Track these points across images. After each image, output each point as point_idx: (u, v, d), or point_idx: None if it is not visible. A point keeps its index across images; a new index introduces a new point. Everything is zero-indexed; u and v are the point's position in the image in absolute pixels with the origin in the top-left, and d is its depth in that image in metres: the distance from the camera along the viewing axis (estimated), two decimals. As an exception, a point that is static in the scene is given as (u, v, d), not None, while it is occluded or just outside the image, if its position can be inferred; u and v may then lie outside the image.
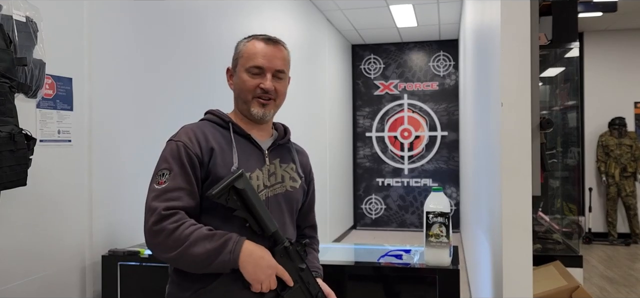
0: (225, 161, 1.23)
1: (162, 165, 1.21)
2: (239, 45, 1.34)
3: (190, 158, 1.20)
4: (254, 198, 1.17)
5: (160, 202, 1.15)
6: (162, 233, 1.13)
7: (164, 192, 1.16)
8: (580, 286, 2.03)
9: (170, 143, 1.24)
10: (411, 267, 1.75)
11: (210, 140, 1.24)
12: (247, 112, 1.31)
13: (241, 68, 1.30)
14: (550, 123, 1.67)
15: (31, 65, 1.53)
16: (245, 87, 1.29)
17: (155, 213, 1.13)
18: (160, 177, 1.19)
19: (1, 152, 1.36)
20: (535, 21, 1.59)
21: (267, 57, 1.29)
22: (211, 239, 1.14)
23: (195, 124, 1.30)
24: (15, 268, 1.68)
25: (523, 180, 1.46)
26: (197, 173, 1.20)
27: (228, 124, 1.30)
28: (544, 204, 3.27)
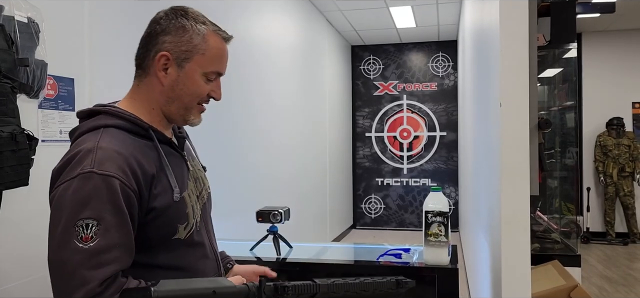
0: (164, 187, 0.98)
1: (83, 211, 0.87)
2: (193, 31, 1.02)
3: (128, 198, 0.91)
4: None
5: (90, 269, 0.85)
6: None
7: (94, 254, 0.86)
8: (579, 285, 2.04)
9: (89, 177, 0.88)
10: (410, 266, 1.76)
11: (146, 167, 0.95)
12: (182, 117, 1.05)
13: (197, 66, 1.02)
14: (549, 123, 1.68)
15: (33, 66, 1.54)
16: (197, 92, 1.03)
17: (87, 289, 0.84)
18: (83, 229, 0.86)
19: (3, 152, 1.37)
20: (534, 22, 1.60)
21: (226, 62, 1.07)
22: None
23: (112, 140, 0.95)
24: (15, 268, 1.68)
25: (521, 180, 1.47)
26: (134, 214, 0.93)
27: (148, 132, 1.01)
28: (543, 204, 3.29)
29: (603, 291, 4.21)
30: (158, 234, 0.98)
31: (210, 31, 1.05)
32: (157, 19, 1.07)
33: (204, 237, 1.10)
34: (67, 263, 0.86)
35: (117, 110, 1.02)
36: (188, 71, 1.02)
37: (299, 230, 4.11)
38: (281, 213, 1.91)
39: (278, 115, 4.23)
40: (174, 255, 1.01)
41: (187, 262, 1.03)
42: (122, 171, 0.91)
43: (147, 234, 0.96)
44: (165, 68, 1.03)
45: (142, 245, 0.97)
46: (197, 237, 1.06)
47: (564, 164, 3.76)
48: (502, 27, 1.50)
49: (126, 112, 1.02)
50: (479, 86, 2.80)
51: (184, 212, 1.02)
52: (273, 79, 4.11)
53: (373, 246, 2.16)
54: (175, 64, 1.02)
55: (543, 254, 2.61)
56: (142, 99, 1.06)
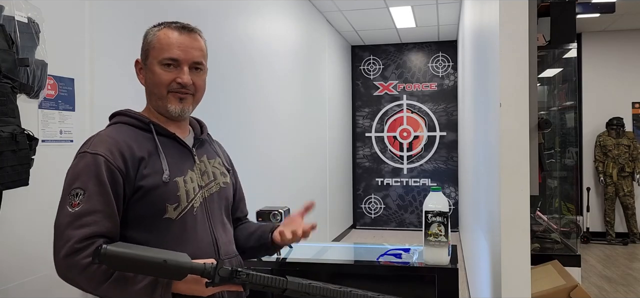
0: (155, 169, 1.11)
1: (75, 183, 1.05)
2: (149, 34, 1.20)
3: (112, 173, 1.06)
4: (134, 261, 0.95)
5: (73, 229, 1.01)
6: (74, 269, 1.00)
7: (77, 216, 1.01)
8: (579, 285, 2.05)
9: (84, 156, 1.07)
10: (410, 266, 1.76)
11: (135, 150, 1.10)
12: (164, 109, 1.18)
13: (153, 60, 1.17)
14: (549, 123, 1.69)
15: (33, 66, 1.54)
16: (160, 81, 1.16)
17: (68, 246, 1.00)
18: (73, 197, 1.03)
19: (3, 152, 1.37)
20: (534, 22, 1.60)
21: (183, 48, 1.16)
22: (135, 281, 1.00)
23: (112, 130, 1.15)
24: (16, 267, 1.68)
25: (521, 180, 1.47)
26: (118, 190, 1.07)
27: (149, 125, 1.17)
28: (542, 204, 3.29)
29: (603, 291, 4.21)
30: (148, 211, 1.10)
31: (164, 28, 1.19)
32: None
33: (201, 223, 1.18)
34: (59, 226, 1.03)
35: (127, 111, 1.21)
36: (149, 66, 1.19)
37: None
38: (281, 213, 1.91)
39: (278, 115, 4.23)
40: (164, 234, 1.11)
41: (177, 242, 1.11)
42: (109, 151, 1.07)
43: (138, 211, 1.10)
44: (141, 71, 1.23)
45: (135, 221, 1.10)
46: (190, 221, 1.16)
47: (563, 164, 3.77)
48: (502, 27, 1.50)
49: (134, 112, 1.21)
50: (479, 86, 2.80)
51: (174, 193, 1.13)
52: (272, 79, 4.11)
53: (373, 246, 2.17)
54: (144, 65, 1.21)
55: (543, 254, 2.61)
56: (147, 103, 1.25)
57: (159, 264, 0.96)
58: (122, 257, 0.94)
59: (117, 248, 0.95)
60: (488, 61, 2.07)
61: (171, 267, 0.97)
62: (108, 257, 0.93)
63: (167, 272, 0.98)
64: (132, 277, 1.01)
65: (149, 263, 0.96)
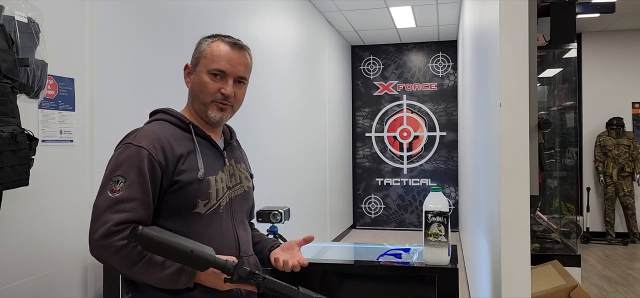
0: (191, 166, 1.20)
1: (117, 170, 1.13)
2: (202, 43, 1.30)
3: (152, 165, 1.14)
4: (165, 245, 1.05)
5: (112, 213, 1.09)
6: (109, 249, 1.08)
7: (116, 202, 1.10)
8: (579, 285, 2.05)
9: (128, 147, 1.16)
10: (410, 266, 1.76)
11: (175, 147, 1.19)
12: (204, 114, 1.28)
13: (203, 68, 1.26)
14: (549, 123, 1.69)
15: (33, 66, 1.54)
16: (206, 89, 1.26)
17: (105, 227, 1.08)
18: (114, 183, 1.12)
19: (3, 152, 1.37)
20: (534, 22, 1.60)
21: (231, 62, 1.27)
22: (163, 267, 1.10)
23: (156, 126, 1.23)
24: (16, 267, 1.68)
25: (521, 180, 1.47)
26: (156, 181, 1.15)
27: (188, 126, 1.26)
28: (542, 204, 3.29)
29: (603, 291, 4.21)
30: (181, 204, 1.18)
31: (217, 40, 1.29)
32: None
33: (226, 221, 1.27)
34: (99, 207, 1.12)
35: (170, 110, 1.30)
36: (198, 73, 1.28)
37: (298, 230, 4.11)
38: (281, 213, 1.91)
39: (278, 115, 4.23)
40: (193, 226, 1.19)
41: (203, 235, 1.19)
42: (152, 145, 1.16)
43: (172, 203, 1.18)
44: (188, 75, 1.32)
45: (168, 212, 1.17)
46: (216, 218, 1.24)
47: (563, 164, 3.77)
48: (502, 27, 1.50)
49: (176, 112, 1.29)
50: (479, 86, 2.80)
51: (206, 191, 1.21)
52: (272, 79, 4.11)
53: (373, 246, 2.16)
54: (192, 70, 1.30)
55: (543, 254, 2.61)
56: (189, 104, 1.33)
57: (186, 253, 1.05)
58: (155, 239, 1.03)
59: (151, 231, 1.04)
60: (488, 61, 2.07)
61: (196, 257, 1.05)
62: (143, 237, 1.03)
63: (192, 261, 1.06)
64: (161, 262, 1.10)
65: (177, 250, 1.04)
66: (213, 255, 1.08)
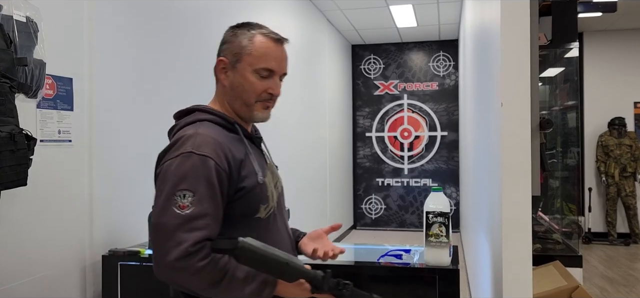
0: (250, 171, 1.14)
1: (182, 184, 1.02)
2: (241, 37, 1.17)
3: (220, 176, 1.06)
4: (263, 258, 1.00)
5: (185, 232, 0.99)
6: (186, 271, 0.99)
7: (189, 219, 1.00)
8: (580, 286, 2.04)
9: (190, 156, 1.05)
10: (411, 266, 1.75)
11: (235, 152, 1.12)
12: (247, 114, 1.20)
13: (247, 66, 1.16)
14: (550, 123, 1.68)
15: (31, 66, 1.54)
16: (252, 89, 1.17)
17: (181, 249, 0.98)
18: (181, 198, 1.02)
19: (1, 152, 1.36)
20: (535, 21, 1.59)
21: (278, 60, 1.19)
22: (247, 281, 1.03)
23: (208, 129, 1.12)
24: (15, 268, 1.68)
25: (523, 180, 1.46)
26: (224, 191, 1.08)
27: (234, 126, 1.19)
28: (544, 204, 3.28)
29: (604, 292, 4.20)
30: (243, 211, 1.13)
31: (258, 33, 1.18)
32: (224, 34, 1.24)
33: (279, 220, 1.24)
34: (167, 226, 1.01)
35: (208, 108, 1.20)
36: (240, 70, 1.17)
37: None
38: (281, 214, 1.90)
39: (277, 114, 4.21)
40: (255, 233, 1.11)
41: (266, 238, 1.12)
42: (216, 154, 1.07)
43: (234, 210, 1.11)
44: (224, 71, 1.20)
45: (229, 220, 1.10)
46: (273, 220, 1.20)
47: (565, 164, 3.76)
48: (503, 26, 1.50)
49: (216, 110, 1.19)
50: (480, 86, 2.79)
51: (265, 194, 1.17)
52: (273, 79, 4.10)
53: (373, 247, 2.16)
54: (230, 67, 1.19)
55: (544, 255, 2.60)
56: (221, 101, 1.22)
57: (282, 264, 1.01)
58: (256, 251, 0.99)
59: (253, 243, 0.99)
60: (489, 60, 2.06)
61: (291, 269, 1.02)
62: (245, 250, 0.97)
63: (286, 273, 1.02)
64: (243, 277, 1.03)
65: (274, 262, 1.00)
66: (302, 265, 1.04)
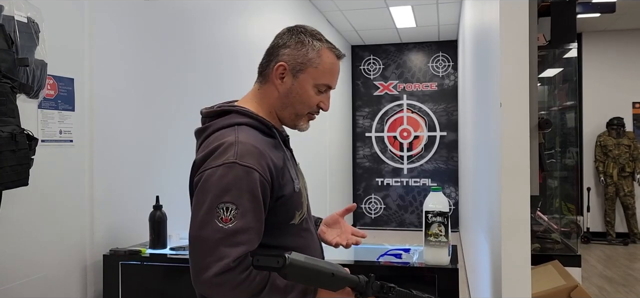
0: (287, 178, 1.12)
1: (225, 196, 0.99)
2: (308, 47, 1.14)
3: (264, 188, 1.04)
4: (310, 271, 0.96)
5: (227, 247, 0.97)
6: (227, 286, 0.98)
7: (232, 234, 0.98)
8: (579, 285, 2.04)
9: (232, 167, 1.01)
10: (410, 266, 1.76)
11: (275, 160, 1.09)
12: (291, 121, 1.18)
13: (309, 78, 1.14)
14: (549, 123, 1.68)
15: (33, 66, 1.54)
16: (308, 102, 1.16)
17: (222, 264, 0.96)
18: (224, 211, 0.99)
19: (3, 152, 1.37)
20: (534, 22, 1.60)
21: (336, 78, 1.19)
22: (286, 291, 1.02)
23: (248, 136, 1.07)
24: (16, 267, 1.68)
25: (522, 180, 1.47)
26: (267, 202, 1.06)
27: (272, 131, 1.15)
28: (543, 204, 3.29)
29: (603, 291, 4.21)
30: (280, 219, 1.11)
31: (325, 47, 1.16)
32: (280, 34, 1.20)
33: (311, 226, 1.23)
34: (208, 240, 0.98)
35: (245, 110, 1.14)
36: (301, 81, 1.15)
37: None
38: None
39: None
40: (289, 238, 1.13)
41: (300, 244, 1.14)
42: (259, 165, 1.03)
43: (273, 218, 1.08)
44: (281, 77, 1.15)
45: (267, 226, 1.07)
46: (306, 225, 1.19)
47: (564, 164, 3.77)
48: (502, 26, 1.50)
49: (253, 112, 1.14)
50: (479, 86, 2.80)
51: (300, 201, 1.15)
52: (273, 79, 4.10)
53: (373, 246, 2.16)
54: (290, 74, 1.15)
55: (543, 254, 2.61)
56: (262, 102, 1.18)
57: (328, 276, 0.97)
58: (303, 266, 0.94)
59: (298, 257, 0.94)
60: (488, 61, 2.07)
61: (337, 280, 0.98)
62: (293, 266, 0.93)
63: (332, 283, 0.99)
64: (283, 287, 1.02)
65: (321, 274, 0.97)
66: (346, 273, 1.00)
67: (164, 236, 2.07)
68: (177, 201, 1.87)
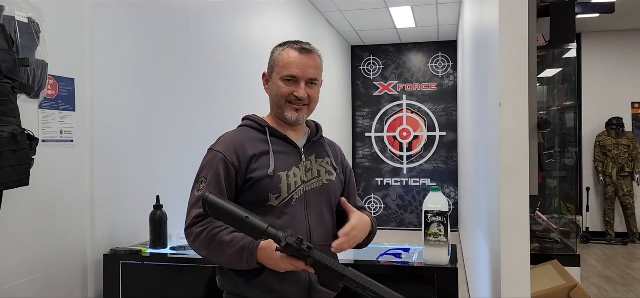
0: (262, 165, 1.34)
1: (201, 173, 1.35)
2: (275, 53, 1.43)
3: (227, 167, 1.32)
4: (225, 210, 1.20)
5: (195, 209, 1.30)
6: (191, 236, 1.30)
7: (199, 199, 1.29)
8: (578, 285, 2.05)
9: (210, 152, 1.37)
10: (410, 265, 1.77)
11: (248, 148, 1.35)
12: (282, 116, 1.40)
13: (276, 76, 1.40)
14: (548, 123, 1.69)
15: (33, 66, 1.54)
16: (280, 93, 1.39)
17: (189, 220, 1.31)
18: (199, 183, 1.33)
19: (3, 152, 1.37)
20: (534, 22, 1.60)
21: (301, 67, 1.38)
22: (229, 246, 1.25)
23: (235, 132, 1.42)
24: (17, 267, 1.69)
25: (521, 180, 1.47)
26: (231, 181, 1.33)
27: (264, 128, 1.41)
28: (542, 204, 3.29)
29: (602, 291, 4.22)
30: (255, 198, 1.33)
31: (287, 48, 1.41)
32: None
33: (299, 213, 1.36)
34: (189, 204, 1.34)
35: (252, 116, 1.46)
36: (274, 80, 1.42)
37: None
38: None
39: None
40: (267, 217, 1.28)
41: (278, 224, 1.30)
42: (227, 150, 1.34)
43: (247, 197, 1.33)
44: (266, 83, 1.46)
45: (244, 205, 1.26)
46: (289, 210, 1.35)
47: (563, 164, 3.77)
48: (502, 27, 1.51)
49: (257, 117, 1.44)
50: (479, 86, 2.81)
51: (277, 185, 1.34)
52: (273, 79, 4.10)
53: (373, 246, 2.16)
54: (269, 78, 1.44)
55: (542, 254, 2.62)
56: (270, 110, 1.47)
57: (241, 219, 1.17)
58: (217, 204, 1.19)
59: (216, 197, 1.21)
60: (488, 61, 2.08)
61: (251, 224, 1.17)
62: (208, 202, 1.19)
63: (247, 228, 1.18)
64: (228, 242, 1.25)
65: (234, 216, 1.18)
66: (266, 225, 1.17)
67: (164, 236, 2.07)
68: (177, 201, 1.87)
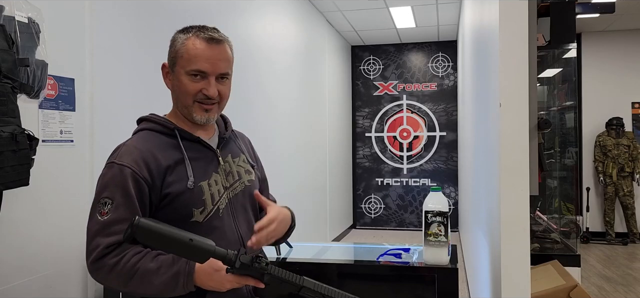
0: (180, 176, 1.14)
1: (104, 192, 1.10)
2: (177, 41, 1.20)
3: (138, 183, 1.10)
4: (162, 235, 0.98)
5: (102, 237, 1.07)
6: (103, 270, 1.06)
7: (106, 225, 1.07)
8: (578, 285, 2.05)
9: (112, 167, 1.11)
10: (410, 265, 1.77)
11: (161, 159, 1.13)
12: (190, 116, 1.21)
13: (180, 69, 1.18)
14: (548, 123, 1.69)
15: (33, 66, 1.55)
16: (186, 91, 1.17)
17: (97, 251, 1.06)
18: (102, 206, 1.09)
19: (3, 152, 1.37)
20: (534, 22, 1.60)
21: (211, 61, 1.16)
22: (157, 273, 1.05)
23: (138, 139, 1.17)
24: (16, 267, 1.69)
25: (521, 180, 1.47)
26: (145, 199, 1.11)
27: (173, 131, 1.19)
28: (542, 204, 3.29)
29: (602, 291, 4.21)
30: (176, 216, 1.13)
31: (191, 36, 1.18)
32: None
33: (227, 223, 1.21)
34: (90, 231, 1.10)
35: (153, 117, 1.23)
36: (176, 74, 1.20)
37: (298, 230, 4.10)
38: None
39: (278, 115, 4.23)
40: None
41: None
42: (135, 162, 1.11)
43: (167, 215, 1.12)
44: (167, 75, 1.24)
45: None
46: (217, 222, 1.18)
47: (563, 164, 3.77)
48: (502, 27, 1.51)
49: (159, 118, 1.22)
50: (479, 86, 2.81)
51: (200, 198, 1.16)
52: (273, 80, 4.11)
53: (373, 246, 2.17)
54: (170, 70, 1.22)
55: (542, 254, 2.62)
56: (173, 106, 1.26)
57: (185, 243, 0.98)
58: (152, 230, 0.97)
59: (149, 221, 0.98)
60: (488, 61, 2.08)
61: (196, 247, 0.98)
62: (140, 228, 0.96)
63: (192, 252, 0.99)
64: (155, 269, 1.05)
65: (176, 240, 0.98)
66: (213, 245, 1.00)
67: (164, 236, 2.07)
68: (177, 201, 1.87)
